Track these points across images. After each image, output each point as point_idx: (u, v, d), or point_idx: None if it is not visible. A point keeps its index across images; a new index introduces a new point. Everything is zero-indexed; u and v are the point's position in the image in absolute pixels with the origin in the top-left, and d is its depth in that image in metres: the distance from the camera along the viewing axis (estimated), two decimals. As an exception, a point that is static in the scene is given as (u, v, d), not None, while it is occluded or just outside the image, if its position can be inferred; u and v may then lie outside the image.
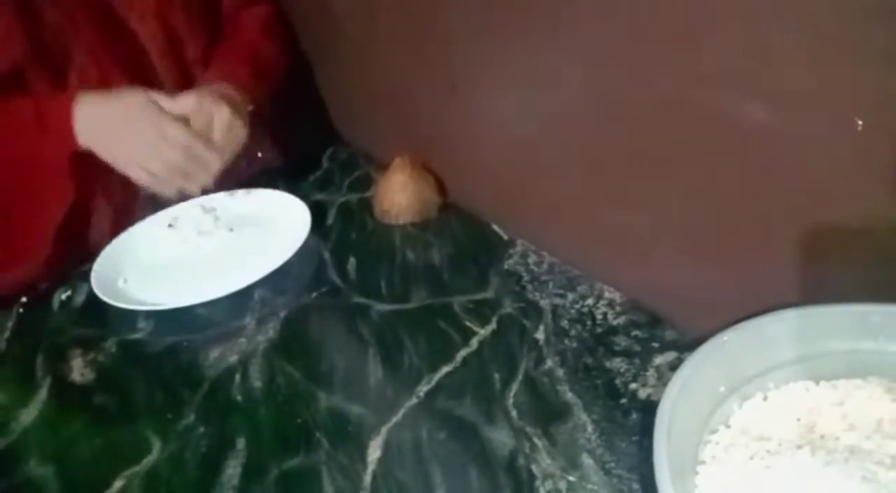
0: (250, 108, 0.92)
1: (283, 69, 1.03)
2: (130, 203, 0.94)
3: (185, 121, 0.83)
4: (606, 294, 0.74)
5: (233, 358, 0.72)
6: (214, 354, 0.73)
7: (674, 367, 0.63)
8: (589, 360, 0.66)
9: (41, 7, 0.80)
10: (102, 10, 0.86)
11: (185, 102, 0.83)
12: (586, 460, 0.56)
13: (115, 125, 0.81)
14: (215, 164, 0.85)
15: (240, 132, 0.88)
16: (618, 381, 0.63)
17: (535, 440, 0.59)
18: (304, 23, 1.09)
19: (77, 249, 0.90)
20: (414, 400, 0.64)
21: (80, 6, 0.83)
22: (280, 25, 1.06)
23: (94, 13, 0.85)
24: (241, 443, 0.62)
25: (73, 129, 0.79)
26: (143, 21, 0.89)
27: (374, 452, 0.60)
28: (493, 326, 0.72)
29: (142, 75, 0.89)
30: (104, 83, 0.86)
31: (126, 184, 0.85)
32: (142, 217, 0.94)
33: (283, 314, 0.78)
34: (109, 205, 0.93)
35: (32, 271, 0.88)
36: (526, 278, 0.79)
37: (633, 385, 0.63)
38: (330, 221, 0.95)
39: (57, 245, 0.87)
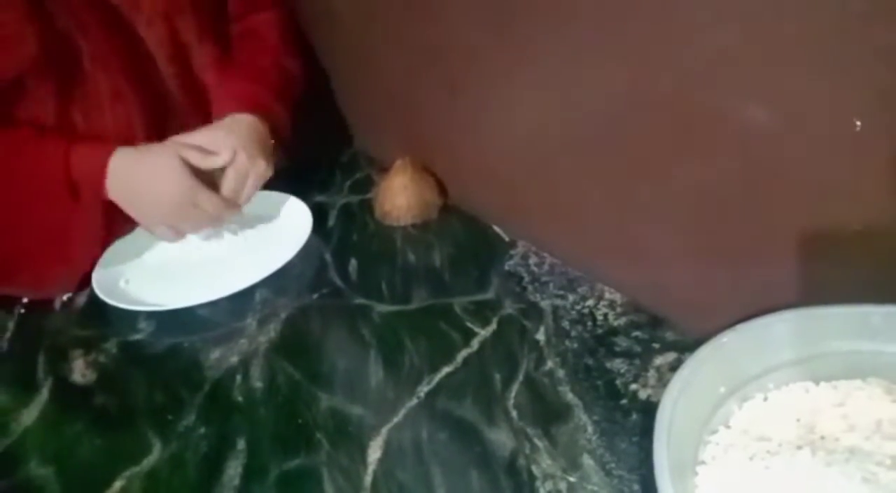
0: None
1: (303, 86, 1.02)
2: None
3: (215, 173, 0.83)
4: (607, 295, 0.74)
5: (234, 359, 0.72)
6: (215, 354, 0.73)
7: (674, 368, 0.63)
8: (589, 361, 0.66)
9: (52, 10, 0.79)
10: (110, 15, 0.84)
11: (219, 159, 0.82)
12: (587, 460, 0.56)
13: (145, 186, 0.80)
14: (236, 214, 0.86)
15: (267, 175, 0.87)
16: (618, 382, 0.64)
17: (536, 440, 0.59)
18: (306, 24, 1.09)
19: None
20: (414, 401, 0.64)
21: (88, 11, 0.82)
22: (296, 34, 1.04)
23: (102, 18, 0.83)
24: (241, 444, 0.62)
25: (105, 188, 0.77)
26: (151, 26, 0.87)
27: (375, 452, 0.60)
28: (493, 327, 0.72)
29: (149, 83, 0.88)
30: (112, 91, 0.84)
31: None
32: None
33: (284, 315, 0.78)
34: None
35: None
36: (527, 279, 0.79)
37: (633, 386, 0.63)
38: (331, 222, 0.95)
39: (82, 283, 0.87)
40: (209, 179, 0.82)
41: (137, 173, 0.79)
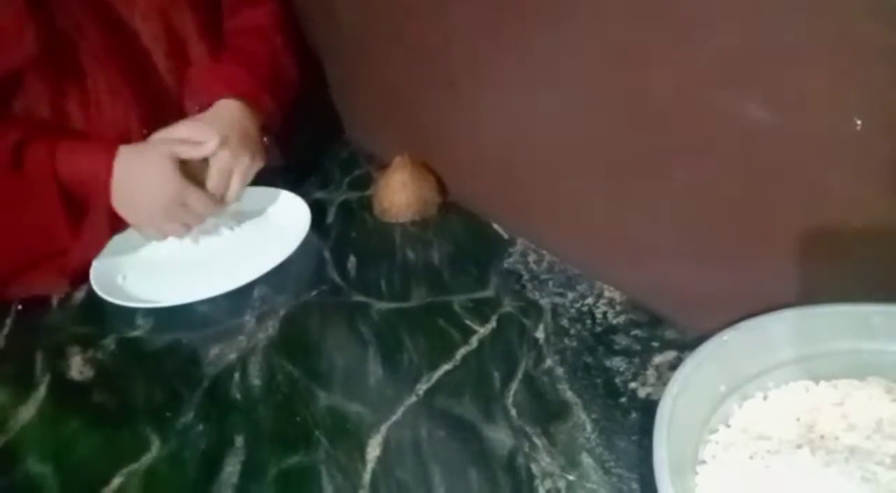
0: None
1: (298, 83, 1.02)
2: None
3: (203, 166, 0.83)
4: (606, 293, 0.74)
5: (232, 356, 0.72)
6: (214, 351, 0.73)
7: (674, 366, 0.63)
8: (589, 359, 0.66)
9: (50, 8, 0.78)
10: (104, 12, 0.83)
11: (207, 148, 0.82)
12: (586, 459, 0.56)
13: (140, 188, 0.80)
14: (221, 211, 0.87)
15: (252, 169, 0.88)
16: (617, 380, 0.63)
17: (535, 438, 0.59)
18: (305, 21, 1.09)
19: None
20: (413, 399, 0.64)
21: (83, 8, 0.81)
22: (293, 29, 1.03)
23: (96, 15, 0.82)
24: (240, 441, 0.62)
25: (111, 191, 0.79)
26: (146, 21, 0.86)
27: (374, 450, 0.60)
28: (492, 324, 0.72)
29: (146, 79, 0.87)
30: (109, 88, 0.83)
31: None
32: None
33: (282, 312, 0.78)
34: None
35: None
36: (526, 276, 0.79)
37: (632, 384, 0.63)
38: (330, 219, 0.95)
39: (78, 279, 0.87)
40: (194, 175, 0.82)
41: (132, 174, 0.79)
